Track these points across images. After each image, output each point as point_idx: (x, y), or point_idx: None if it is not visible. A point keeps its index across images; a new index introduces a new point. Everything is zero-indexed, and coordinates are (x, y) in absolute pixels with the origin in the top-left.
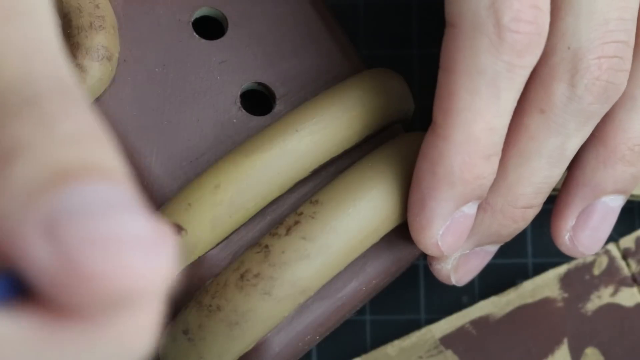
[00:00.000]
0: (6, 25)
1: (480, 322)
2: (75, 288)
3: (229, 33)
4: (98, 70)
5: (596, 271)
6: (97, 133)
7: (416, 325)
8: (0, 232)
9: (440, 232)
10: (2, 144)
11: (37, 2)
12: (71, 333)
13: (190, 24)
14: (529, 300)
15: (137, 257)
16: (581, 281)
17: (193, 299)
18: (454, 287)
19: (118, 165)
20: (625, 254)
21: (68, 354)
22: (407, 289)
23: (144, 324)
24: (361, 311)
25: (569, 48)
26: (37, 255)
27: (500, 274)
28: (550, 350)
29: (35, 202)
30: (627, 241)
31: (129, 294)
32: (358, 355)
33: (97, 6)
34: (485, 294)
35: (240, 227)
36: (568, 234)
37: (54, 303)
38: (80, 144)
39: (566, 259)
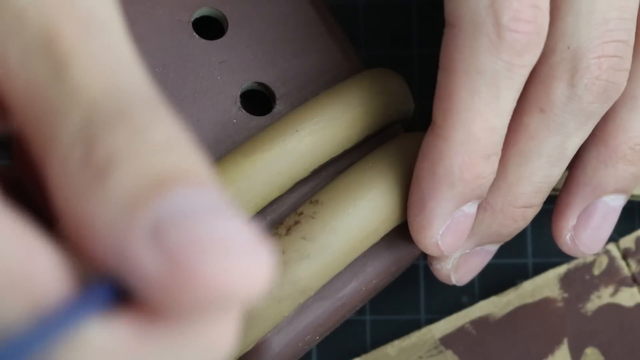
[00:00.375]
0: (88, 39)
1: (480, 322)
2: (184, 290)
3: (229, 33)
4: None
5: (596, 271)
6: (185, 140)
7: (416, 325)
8: (102, 241)
9: (440, 232)
10: (99, 156)
11: (111, 14)
12: (163, 335)
13: (190, 24)
14: (529, 300)
15: (244, 259)
16: (581, 281)
17: None
18: (454, 287)
19: (207, 169)
20: (625, 254)
21: (160, 355)
22: (407, 289)
23: (231, 327)
24: (361, 311)
25: (568, 47)
26: (145, 261)
27: (500, 274)
28: (550, 350)
29: (137, 210)
30: (627, 241)
31: (233, 295)
32: (358, 355)
33: None
34: (485, 294)
35: None
36: (569, 234)
37: (149, 306)
38: (172, 151)
39: (566, 259)
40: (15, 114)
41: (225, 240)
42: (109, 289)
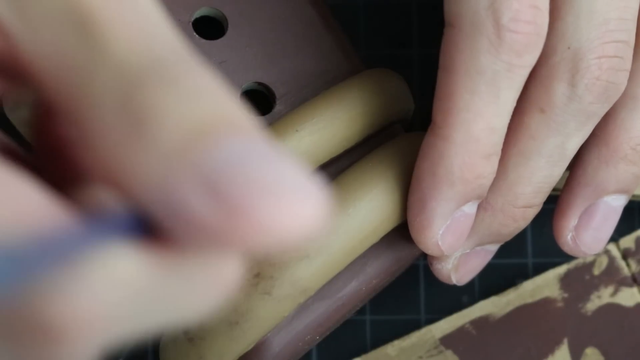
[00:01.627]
0: (117, 3)
1: (480, 322)
2: (238, 231)
3: (229, 33)
4: None
5: (596, 271)
6: (223, 90)
7: (416, 325)
8: (147, 187)
9: (441, 232)
10: (141, 108)
11: None
12: (181, 270)
13: (190, 24)
14: (529, 300)
15: (299, 198)
16: (581, 281)
17: None
18: (454, 287)
19: (248, 116)
20: (625, 254)
21: (175, 290)
22: (407, 289)
23: (238, 265)
24: (361, 311)
25: (569, 48)
26: (196, 205)
27: (500, 274)
28: (550, 350)
29: (185, 157)
30: (627, 241)
31: (290, 237)
32: (358, 355)
33: None
34: (485, 294)
35: None
36: (570, 234)
37: (172, 242)
38: (211, 99)
39: (566, 259)
40: (44, 80)
41: (279, 181)
42: (131, 221)
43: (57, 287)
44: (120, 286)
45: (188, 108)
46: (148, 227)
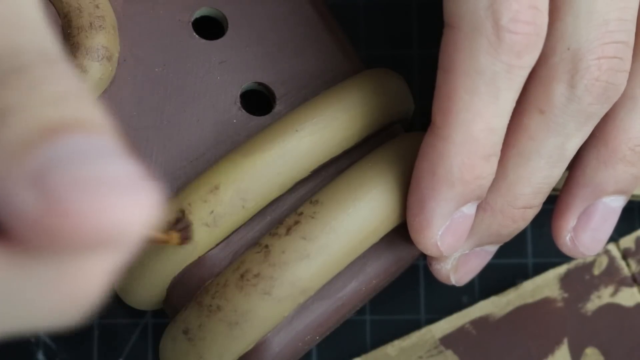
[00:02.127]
0: None
1: (480, 322)
2: (58, 228)
3: (229, 33)
4: (98, 70)
5: (596, 271)
6: (81, 93)
7: (416, 325)
8: None
9: (440, 233)
10: None
11: None
12: (30, 268)
13: (190, 24)
14: (529, 300)
15: (123, 197)
16: (581, 281)
17: (193, 299)
18: (454, 287)
19: (101, 119)
20: (625, 254)
21: (24, 288)
22: (407, 289)
23: (101, 271)
24: (361, 311)
25: (568, 49)
26: (22, 201)
27: (500, 274)
28: (550, 350)
29: (22, 156)
30: (627, 241)
31: (110, 232)
32: (358, 355)
33: (97, 6)
34: (485, 294)
35: (240, 227)
36: (569, 235)
37: (19, 241)
38: (65, 104)
39: (566, 259)
40: None
41: (106, 179)
42: None
43: None
44: None
45: (41, 110)
46: None
